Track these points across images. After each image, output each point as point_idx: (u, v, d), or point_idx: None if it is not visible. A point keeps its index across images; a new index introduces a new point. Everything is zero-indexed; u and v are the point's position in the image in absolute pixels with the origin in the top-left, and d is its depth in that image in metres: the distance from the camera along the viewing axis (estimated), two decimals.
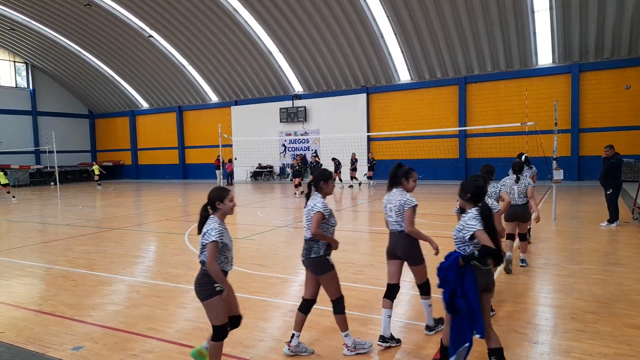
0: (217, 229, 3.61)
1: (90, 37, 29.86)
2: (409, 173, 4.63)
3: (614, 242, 8.83)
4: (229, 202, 3.76)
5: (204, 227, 3.66)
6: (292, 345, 4.21)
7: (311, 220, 4.06)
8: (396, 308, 5.37)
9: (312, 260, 4.15)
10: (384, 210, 4.65)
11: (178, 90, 32.72)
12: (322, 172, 4.28)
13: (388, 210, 4.56)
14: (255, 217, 13.66)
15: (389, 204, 4.53)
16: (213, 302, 3.62)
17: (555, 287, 6.03)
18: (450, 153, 24.36)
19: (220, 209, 3.74)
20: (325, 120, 27.82)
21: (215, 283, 3.60)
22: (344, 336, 4.21)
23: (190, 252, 8.78)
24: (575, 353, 4.09)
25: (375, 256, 8.07)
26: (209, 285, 3.62)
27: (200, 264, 3.68)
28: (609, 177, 10.10)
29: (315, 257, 4.13)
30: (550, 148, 14.48)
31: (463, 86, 23.93)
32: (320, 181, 4.23)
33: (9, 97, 33.60)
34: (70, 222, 13.41)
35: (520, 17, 20.63)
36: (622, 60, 20.71)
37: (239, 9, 24.77)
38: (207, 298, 3.62)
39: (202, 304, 3.67)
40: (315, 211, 4.04)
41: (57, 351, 4.45)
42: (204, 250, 3.59)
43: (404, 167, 4.64)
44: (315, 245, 4.13)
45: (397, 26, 22.64)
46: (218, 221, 3.68)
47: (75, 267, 7.79)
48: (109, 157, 38.12)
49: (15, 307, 5.81)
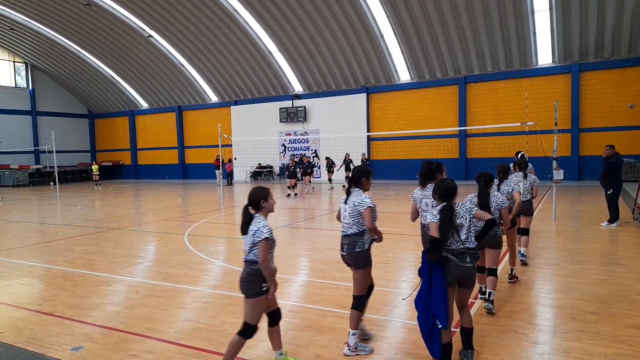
0: (268, 226, 3.69)
1: (90, 37, 29.85)
2: (441, 168, 4.96)
3: (614, 242, 8.83)
4: (272, 200, 3.85)
5: (251, 227, 3.72)
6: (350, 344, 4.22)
7: (357, 216, 4.20)
8: (396, 308, 5.37)
9: (356, 254, 4.25)
10: (418, 205, 4.98)
11: (178, 90, 32.71)
12: (363, 168, 4.42)
13: (424, 205, 4.87)
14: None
15: (425, 199, 4.89)
16: (257, 301, 3.72)
17: (556, 287, 6.02)
18: (450, 153, 24.35)
19: (265, 208, 3.81)
20: (325, 120, 27.82)
21: (263, 282, 3.68)
22: (350, 334, 4.22)
23: (190, 252, 8.78)
24: (575, 353, 4.09)
25: (376, 256, 7.99)
26: (257, 285, 3.70)
27: (247, 263, 3.74)
28: (609, 177, 10.09)
29: (359, 251, 4.25)
30: (550, 148, 14.48)
31: (463, 86, 23.92)
32: (361, 177, 4.33)
33: (8, 97, 33.58)
34: (70, 222, 13.40)
35: (520, 17, 20.63)
36: (622, 60, 20.72)
37: (239, 9, 24.76)
38: (253, 296, 3.71)
39: (246, 300, 3.75)
40: (366, 206, 4.15)
41: (56, 351, 4.45)
42: (254, 249, 3.66)
43: (435, 163, 4.90)
44: (360, 240, 4.25)
45: (397, 26, 22.64)
46: (265, 219, 3.75)
47: (74, 267, 7.78)
48: (108, 157, 38.11)
49: (15, 307, 5.81)
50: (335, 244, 9.06)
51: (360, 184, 4.33)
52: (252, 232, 3.68)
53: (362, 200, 4.19)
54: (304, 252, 8.73)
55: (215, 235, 10.67)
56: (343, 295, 5.84)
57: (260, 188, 3.85)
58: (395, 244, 9.04)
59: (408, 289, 6.10)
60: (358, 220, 4.22)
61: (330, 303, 5.58)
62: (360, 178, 4.33)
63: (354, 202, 4.23)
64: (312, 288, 6.32)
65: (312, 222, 12.28)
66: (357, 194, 4.27)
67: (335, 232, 10.71)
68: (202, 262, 7.99)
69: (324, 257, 8.12)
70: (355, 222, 4.24)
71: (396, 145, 25.59)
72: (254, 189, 3.84)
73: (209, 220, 12.98)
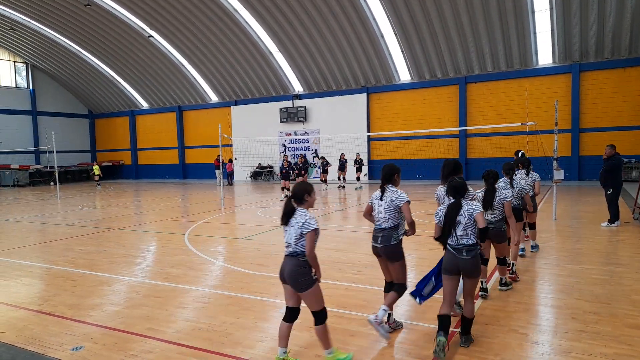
0: (314, 218, 3.89)
1: (90, 37, 29.86)
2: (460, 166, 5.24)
3: (614, 242, 8.82)
4: (314, 196, 4.04)
5: (295, 219, 3.89)
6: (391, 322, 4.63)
7: (393, 211, 4.50)
8: (396, 308, 5.37)
9: (392, 246, 4.51)
10: (441, 201, 5.17)
11: (178, 90, 32.72)
12: (393, 166, 4.72)
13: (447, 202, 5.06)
14: (255, 217, 13.65)
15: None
16: (314, 290, 3.89)
17: (556, 287, 6.02)
18: (451, 153, 24.34)
19: (308, 202, 4.00)
20: (325, 120, 27.82)
21: (311, 271, 3.88)
22: (382, 308, 4.51)
23: (190, 252, 8.77)
24: (575, 353, 4.08)
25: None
26: (309, 275, 3.88)
27: (293, 255, 3.88)
28: (609, 177, 10.09)
29: (395, 243, 4.52)
30: (550, 148, 14.48)
31: (463, 86, 23.92)
32: (393, 174, 4.65)
33: (9, 97, 33.60)
34: (70, 222, 13.40)
35: (520, 17, 20.62)
36: (622, 60, 20.71)
37: (239, 9, 24.76)
38: (309, 287, 3.86)
39: (304, 294, 3.88)
40: (404, 201, 4.48)
41: (56, 351, 4.44)
42: (302, 240, 3.83)
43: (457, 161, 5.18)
44: (395, 233, 4.53)
45: (398, 26, 22.64)
46: (308, 212, 3.95)
47: (75, 267, 7.78)
48: (108, 157, 38.12)
49: (15, 307, 5.81)
50: (336, 244, 9.09)
51: (392, 181, 4.63)
52: (298, 224, 3.85)
53: (400, 195, 4.50)
54: None
55: (216, 235, 10.67)
56: (343, 295, 5.84)
57: (305, 183, 4.07)
58: None
59: (408, 288, 6.09)
60: (394, 214, 4.50)
61: (330, 303, 5.55)
62: (392, 175, 4.63)
63: (390, 197, 4.51)
64: None
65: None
66: (393, 190, 4.57)
67: (337, 232, 10.70)
68: (202, 262, 7.99)
69: (324, 257, 8.10)
70: (391, 217, 4.51)
71: (396, 145, 25.59)
72: (301, 184, 4.04)
73: (209, 220, 12.98)
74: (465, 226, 4.19)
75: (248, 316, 5.21)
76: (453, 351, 4.20)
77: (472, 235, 4.20)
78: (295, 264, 3.86)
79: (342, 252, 8.48)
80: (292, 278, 3.87)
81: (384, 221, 4.55)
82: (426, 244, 8.85)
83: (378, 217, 4.61)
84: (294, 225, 3.87)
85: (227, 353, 4.29)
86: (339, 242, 9.44)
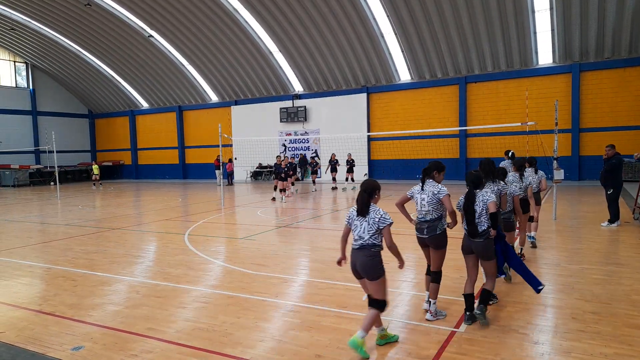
0: (387, 213, 4.24)
1: (90, 37, 29.86)
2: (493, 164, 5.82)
3: (614, 242, 8.83)
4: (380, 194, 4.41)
5: (372, 214, 4.21)
6: (432, 311, 4.92)
7: (436, 203, 4.93)
8: (396, 308, 5.37)
9: (437, 236, 4.94)
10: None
11: (178, 90, 32.71)
12: (438, 163, 5.16)
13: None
14: (256, 217, 13.65)
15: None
16: (383, 280, 4.24)
17: (556, 287, 6.02)
18: (451, 153, 24.35)
19: (377, 198, 4.33)
20: (325, 120, 27.82)
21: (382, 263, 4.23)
22: (432, 303, 4.91)
23: (190, 252, 8.78)
24: (576, 353, 4.08)
25: None
26: (381, 265, 4.24)
27: (366, 247, 4.20)
28: (610, 177, 10.09)
29: (440, 233, 4.94)
30: (550, 148, 14.48)
31: (463, 86, 23.92)
32: (434, 170, 5.08)
33: (9, 97, 33.60)
34: (70, 222, 13.41)
35: (520, 17, 20.61)
36: (623, 60, 20.71)
37: (239, 8, 24.76)
38: (380, 276, 4.21)
39: (375, 282, 4.20)
40: (445, 194, 4.90)
41: (57, 351, 4.45)
42: (376, 234, 4.19)
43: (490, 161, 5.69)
44: (440, 223, 4.96)
45: (398, 26, 22.63)
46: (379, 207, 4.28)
47: (75, 267, 7.79)
48: (109, 157, 38.12)
49: (15, 307, 5.81)
50: (336, 244, 9.08)
51: (432, 176, 5.06)
52: (373, 219, 4.19)
53: (440, 189, 4.95)
54: (304, 252, 8.73)
55: (216, 235, 10.67)
56: (343, 295, 5.84)
57: (375, 181, 4.39)
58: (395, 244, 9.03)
59: (408, 288, 6.10)
60: (436, 207, 4.93)
61: (330, 303, 5.58)
62: (433, 171, 5.08)
63: (432, 191, 4.96)
64: (312, 288, 6.32)
65: (312, 222, 12.28)
66: (433, 185, 5.01)
67: (335, 232, 10.70)
68: (202, 262, 7.99)
69: (324, 257, 8.12)
70: (434, 209, 4.94)
71: (396, 145, 25.58)
72: (370, 181, 4.36)
73: (209, 220, 12.98)
74: (480, 214, 4.76)
75: (248, 316, 5.21)
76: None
77: (485, 222, 4.75)
78: (367, 255, 4.19)
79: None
80: (365, 268, 4.20)
81: (427, 213, 4.99)
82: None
83: (421, 210, 5.04)
84: (369, 221, 4.20)
85: (227, 353, 4.29)
86: (339, 242, 9.42)
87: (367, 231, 4.18)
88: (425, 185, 5.03)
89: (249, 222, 12.82)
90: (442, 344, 4.33)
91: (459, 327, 4.72)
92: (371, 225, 4.18)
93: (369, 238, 4.18)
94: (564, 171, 11.99)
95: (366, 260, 4.19)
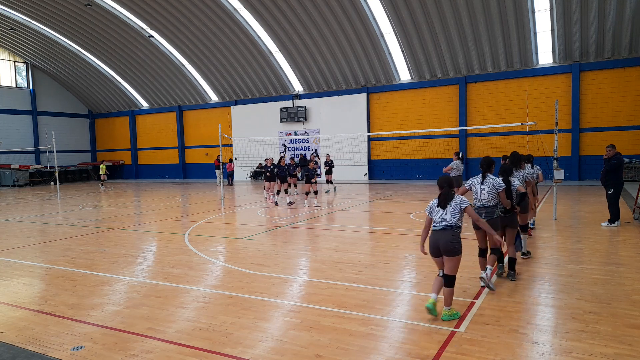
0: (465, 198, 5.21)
1: (90, 37, 29.86)
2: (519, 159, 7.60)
3: (614, 242, 8.83)
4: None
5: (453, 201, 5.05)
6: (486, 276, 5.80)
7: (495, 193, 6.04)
8: (396, 308, 5.37)
9: (494, 220, 6.04)
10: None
11: (178, 90, 32.72)
12: (490, 159, 6.26)
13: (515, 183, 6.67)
14: (256, 217, 13.65)
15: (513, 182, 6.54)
16: (459, 257, 4.94)
17: (556, 287, 6.02)
18: (451, 153, 24.22)
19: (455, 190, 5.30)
20: (325, 120, 27.82)
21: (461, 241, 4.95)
22: (488, 268, 5.88)
23: (190, 252, 8.78)
24: (576, 353, 4.08)
25: (376, 256, 8.06)
26: (461, 244, 4.94)
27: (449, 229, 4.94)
28: (610, 177, 10.09)
29: (496, 217, 6.09)
30: (550, 148, 14.48)
31: (463, 86, 23.92)
32: (491, 166, 6.26)
33: (9, 97, 33.60)
34: (70, 221, 13.41)
35: (520, 17, 20.62)
36: (623, 60, 20.71)
37: (239, 9, 24.77)
38: (458, 254, 4.92)
39: (453, 258, 4.90)
40: (503, 187, 6.05)
41: (57, 351, 4.45)
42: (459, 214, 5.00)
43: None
44: (496, 210, 6.10)
45: (398, 26, 22.64)
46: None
47: (75, 267, 7.79)
48: (109, 157, 38.12)
49: (16, 307, 5.81)
50: (336, 244, 9.09)
51: (490, 170, 6.24)
52: (455, 202, 5.03)
53: (499, 182, 6.08)
54: (304, 252, 8.73)
55: (216, 235, 10.67)
56: (343, 295, 5.84)
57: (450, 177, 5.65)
58: (395, 244, 9.04)
59: (408, 288, 6.10)
60: (494, 196, 6.04)
61: (330, 303, 5.57)
62: (490, 166, 6.26)
63: (492, 183, 6.06)
64: (312, 288, 6.32)
65: (312, 222, 12.28)
66: (493, 178, 6.13)
67: (337, 232, 10.70)
68: (202, 262, 7.99)
69: (324, 257, 8.12)
70: (493, 197, 6.05)
71: (397, 145, 25.59)
72: (447, 177, 5.26)
73: (209, 220, 12.98)
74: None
75: (248, 316, 5.21)
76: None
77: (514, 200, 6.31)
78: (450, 234, 4.90)
79: (342, 252, 8.48)
80: (448, 245, 4.88)
81: (487, 201, 6.08)
82: (426, 244, 8.84)
83: (482, 198, 6.10)
84: (452, 205, 5.03)
85: (227, 353, 4.29)
86: (339, 242, 9.44)
87: (450, 214, 4.97)
88: (485, 179, 6.11)
89: (249, 222, 12.82)
90: (442, 344, 4.33)
91: (459, 327, 4.72)
92: (454, 207, 5.01)
93: (453, 220, 4.95)
94: (564, 171, 11.98)
95: (450, 238, 4.88)
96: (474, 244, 6.37)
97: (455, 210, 4.97)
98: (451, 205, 5.01)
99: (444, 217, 4.97)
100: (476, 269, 6.59)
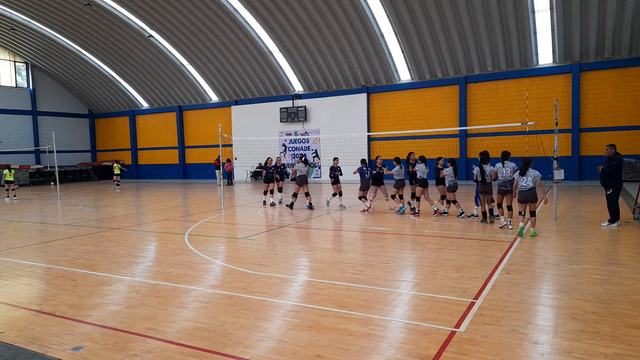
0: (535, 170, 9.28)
1: (90, 37, 29.87)
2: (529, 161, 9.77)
3: (614, 242, 8.83)
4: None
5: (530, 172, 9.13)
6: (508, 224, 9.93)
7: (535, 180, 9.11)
8: (396, 308, 5.37)
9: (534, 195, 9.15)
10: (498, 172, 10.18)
11: (178, 90, 32.72)
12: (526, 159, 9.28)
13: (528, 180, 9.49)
14: (256, 217, 13.65)
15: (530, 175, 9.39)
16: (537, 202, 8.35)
17: (556, 287, 6.02)
18: (451, 153, 24.33)
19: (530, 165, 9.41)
20: (325, 120, 27.82)
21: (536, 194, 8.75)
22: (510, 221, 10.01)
23: (190, 252, 8.78)
24: (576, 353, 4.08)
25: (376, 256, 8.05)
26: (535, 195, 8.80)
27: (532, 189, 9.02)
28: (610, 177, 10.09)
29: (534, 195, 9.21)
30: (550, 148, 14.47)
31: (463, 86, 23.92)
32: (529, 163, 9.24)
33: (9, 97, 33.61)
34: (70, 221, 13.41)
35: (520, 17, 20.62)
36: (623, 60, 20.71)
37: (239, 9, 24.77)
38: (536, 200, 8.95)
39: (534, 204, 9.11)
40: (540, 176, 9.17)
41: (57, 351, 4.45)
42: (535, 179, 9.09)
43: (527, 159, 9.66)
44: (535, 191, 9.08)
45: (398, 26, 22.64)
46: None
47: (75, 267, 7.79)
48: (109, 157, 38.13)
49: (16, 307, 5.81)
50: (335, 244, 9.11)
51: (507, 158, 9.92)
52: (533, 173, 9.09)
53: (537, 173, 9.17)
54: (304, 252, 8.74)
55: (216, 235, 10.67)
56: (343, 295, 5.84)
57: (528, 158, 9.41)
58: (395, 244, 9.04)
59: (408, 288, 6.10)
60: (534, 182, 9.07)
61: (330, 303, 5.57)
62: (528, 164, 9.23)
63: (532, 175, 9.14)
64: (312, 288, 6.32)
65: (312, 222, 12.28)
66: (532, 170, 9.18)
67: (337, 232, 10.70)
68: (202, 262, 7.99)
69: (324, 257, 8.12)
70: (533, 183, 9.08)
71: (397, 145, 25.58)
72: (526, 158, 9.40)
73: (209, 220, 12.98)
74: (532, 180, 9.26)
75: (248, 316, 5.21)
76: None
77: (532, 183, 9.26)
78: (533, 193, 9.03)
79: (342, 252, 8.48)
80: (532, 197, 9.04)
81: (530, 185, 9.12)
82: (426, 244, 8.86)
83: (526, 184, 9.12)
84: (531, 174, 9.10)
85: (227, 353, 4.29)
86: (339, 242, 9.44)
87: (531, 181, 9.04)
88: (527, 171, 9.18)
89: (249, 222, 12.82)
90: (442, 344, 4.33)
91: (459, 327, 4.72)
92: (533, 177, 9.06)
93: (532, 183, 9.04)
94: (564, 171, 11.98)
95: (532, 195, 9.06)
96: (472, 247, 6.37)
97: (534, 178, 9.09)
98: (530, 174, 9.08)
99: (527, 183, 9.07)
100: (476, 269, 6.61)
